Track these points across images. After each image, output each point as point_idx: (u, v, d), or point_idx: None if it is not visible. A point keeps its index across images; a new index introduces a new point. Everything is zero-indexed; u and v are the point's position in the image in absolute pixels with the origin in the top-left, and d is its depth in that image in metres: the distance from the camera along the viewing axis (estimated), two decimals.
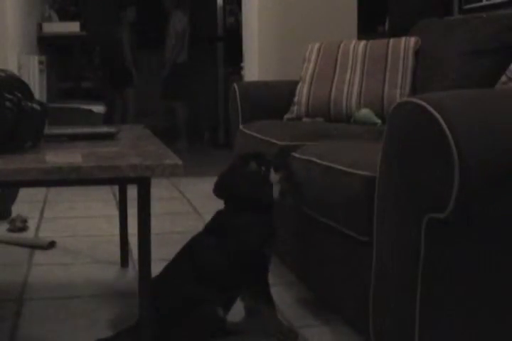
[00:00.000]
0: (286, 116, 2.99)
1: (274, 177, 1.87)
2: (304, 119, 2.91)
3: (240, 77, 4.46)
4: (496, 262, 1.38)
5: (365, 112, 2.74)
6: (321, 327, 1.89)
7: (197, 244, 1.83)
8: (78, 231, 3.08)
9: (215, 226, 1.84)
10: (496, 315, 1.40)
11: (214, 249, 1.78)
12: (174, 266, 1.82)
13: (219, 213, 1.86)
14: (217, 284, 1.74)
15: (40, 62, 4.25)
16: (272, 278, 1.85)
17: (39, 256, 2.66)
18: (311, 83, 2.96)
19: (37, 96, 2.36)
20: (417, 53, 2.79)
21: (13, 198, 3.48)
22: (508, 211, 1.34)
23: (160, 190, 3.97)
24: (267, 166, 1.86)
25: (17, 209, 3.33)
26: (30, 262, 2.56)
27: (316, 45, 3.06)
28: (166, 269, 1.82)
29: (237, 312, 1.86)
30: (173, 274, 1.80)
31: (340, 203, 1.73)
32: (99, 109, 4.54)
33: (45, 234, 2.98)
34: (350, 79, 2.87)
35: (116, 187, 3.40)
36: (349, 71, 2.89)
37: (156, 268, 1.75)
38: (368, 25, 4.71)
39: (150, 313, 1.61)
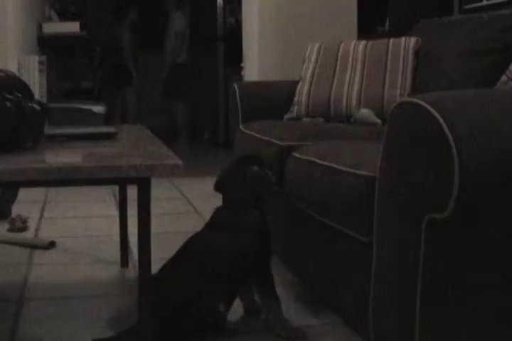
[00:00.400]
0: (286, 116, 2.99)
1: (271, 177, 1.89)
2: (304, 119, 2.91)
3: (240, 77, 4.46)
4: (496, 262, 1.38)
5: (365, 112, 2.74)
6: (321, 327, 1.89)
7: (197, 241, 1.84)
8: (78, 231, 3.08)
9: (215, 223, 1.85)
10: (496, 315, 1.40)
11: (214, 246, 1.78)
12: (175, 263, 1.82)
13: (218, 210, 1.87)
14: (218, 281, 1.75)
15: (40, 62, 4.25)
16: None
17: (39, 256, 2.66)
18: (311, 83, 2.96)
19: (37, 96, 2.36)
20: (417, 53, 2.79)
21: (13, 198, 3.48)
22: (508, 211, 1.34)
23: (160, 190, 3.97)
24: (267, 169, 1.87)
25: (17, 209, 3.33)
26: (30, 262, 2.56)
27: (316, 45, 3.06)
28: (167, 266, 1.82)
29: (237, 311, 1.86)
30: (174, 271, 1.81)
31: (341, 203, 1.73)
32: (99, 109, 4.53)
33: (45, 234, 2.98)
34: (350, 79, 2.87)
35: (116, 187, 3.40)
36: (349, 71, 2.89)
37: (156, 268, 1.75)
38: (368, 26, 4.70)
39: (150, 313, 1.60)
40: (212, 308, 1.74)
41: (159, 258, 1.80)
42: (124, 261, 2.49)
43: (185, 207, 3.64)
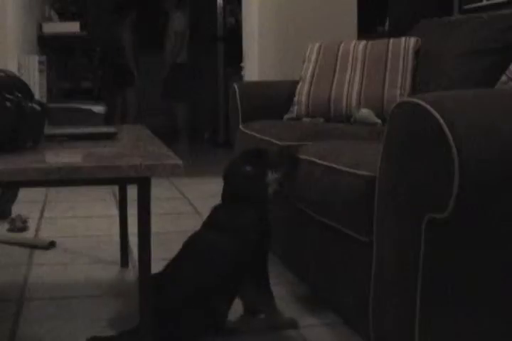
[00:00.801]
0: (286, 116, 2.99)
1: (270, 177, 1.88)
2: (304, 119, 2.91)
3: (240, 77, 4.46)
4: (496, 262, 1.38)
5: (365, 112, 2.74)
6: (321, 327, 1.89)
7: (196, 241, 1.84)
8: (78, 231, 3.08)
9: (212, 222, 1.85)
10: (496, 315, 1.40)
11: (212, 246, 1.78)
12: (175, 263, 1.82)
13: (215, 208, 1.87)
14: (217, 281, 1.75)
15: (40, 62, 4.25)
16: (271, 278, 1.86)
17: (39, 256, 2.66)
18: (311, 83, 2.96)
19: (37, 96, 2.36)
20: (417, 53, 2.79)
21: (13, 198, 3.48)
22: (508, 211, 1.34)
23: (160, 190, 3.97)
24: (263, 167, 1.86)
25: (17, 209, 3.33)
26: (30, 262, 2.56)
27: (316, 45, 3.06)
28: (168, 266, 1.83)
29: (237, 311, 1.86)
30: (174, 271, 1.81)
31: (340, 203, 1.73)
32: (99, 109, 4.54)
33: (45, 234, 2.98)
34: (350, 79, 2.87)
35: (116, 187, 3.40)
36: (349, 71, 2.89)
37: (156, 268, 1.75)
38: (368, 25, 4.70)
39: (151, 313, 1.60)
40: (212, 308, 1.74)
41: (159, 258, 1.80)
42: (124, 261, 2.49)
43: (185, 207, 3.64)
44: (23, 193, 3.57)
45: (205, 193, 3.84)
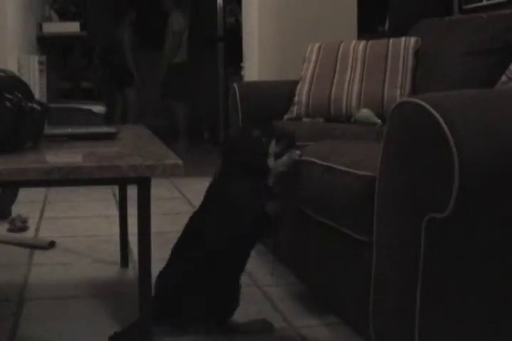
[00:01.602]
0: (286, 116, 2.99)
1: (272, 147, 1.87)
2: (304, 119, 2.91)
3: (240, 77, 4.46)
4: (496, 262, 1.38)
5: (365, 112, 2.74)
6: (320, 327, 1.89)
7: (198, 223, 1.84)
8: (78, 231, 3.08)
9: (212, 201, 1.85)
10: (496, 315, 1.40)
11: (215, 227, 1.80)
12: (178, 246, 1.84)
13: (215, 183, 1.88)
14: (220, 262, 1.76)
15: (40, 62, 4.25)
16: (271, 278, 1.86)
17: (39, 256, 2.66)
18: (311, 83, 2.96)
19: (37, 96, 2.36)
20: (417, 53, 2.79)
21: (13, 198, 3.48)
22: (508, 211, 1.34)
23: (160, 190, 3.97)
24: (269, 137, 1.86)
25: (17, 209, 3.33)
26: (30, 262, 2.56)
27: (316, 45, 3.06)
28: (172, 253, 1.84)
29: (238, 312, 1.86)
30: (177, 254, 1.81)
31: (341, 203, 1.73)
32: (99, 109, 4.53)
33: (45, 234, 2.98)
34: (350, 79, 2.87)
35: (116, 187, 3.40)
36: (349, 71, 2.89)
37: (156, 268, 1.75)
38: (368, 25, 4.70)
39: (150, 312, 1.61)
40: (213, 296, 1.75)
41: (159, 258, 1.80)
42: (124, 261, 2.49)
43: (185, 206, 3.64)
44: (23, 193, 3.57)
45: (204, 193, 3.84)
